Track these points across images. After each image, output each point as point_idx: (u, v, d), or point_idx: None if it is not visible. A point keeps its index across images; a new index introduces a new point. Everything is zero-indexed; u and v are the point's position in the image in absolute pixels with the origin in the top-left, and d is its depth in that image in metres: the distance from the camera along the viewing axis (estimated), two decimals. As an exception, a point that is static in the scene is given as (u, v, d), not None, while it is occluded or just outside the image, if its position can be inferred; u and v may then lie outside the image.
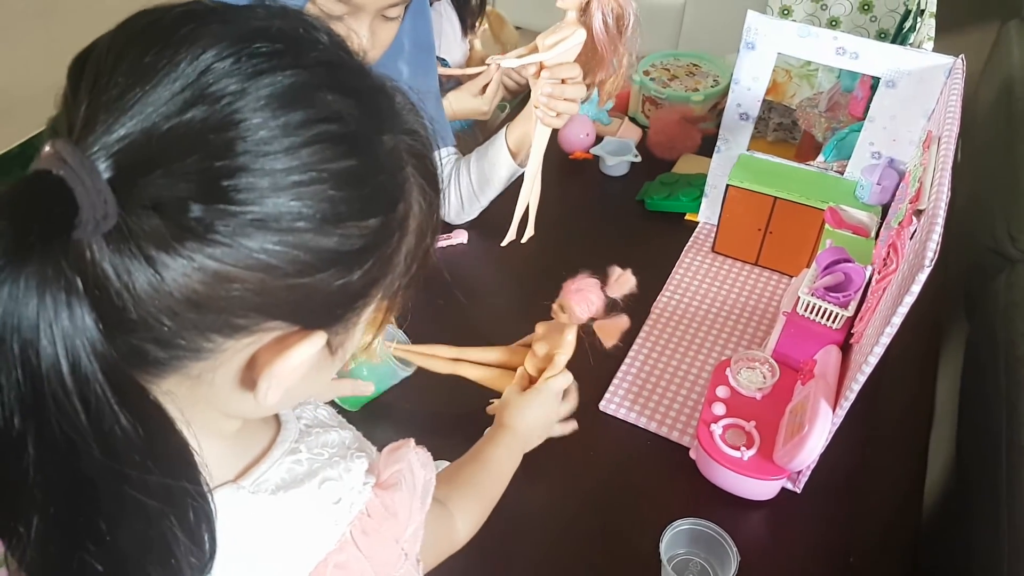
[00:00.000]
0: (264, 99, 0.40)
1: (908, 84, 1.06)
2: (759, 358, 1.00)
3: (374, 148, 0.45)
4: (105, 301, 0.38)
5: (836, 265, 0.97)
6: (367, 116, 0.46)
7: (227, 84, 0.40)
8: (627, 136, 1.52)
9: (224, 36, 0.42)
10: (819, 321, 0.97)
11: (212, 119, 0.39)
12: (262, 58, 0.42)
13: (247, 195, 0.39)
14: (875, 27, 1.44)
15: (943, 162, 0.87)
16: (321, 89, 0.43)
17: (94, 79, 0.40)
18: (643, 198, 1.40)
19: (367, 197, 0.45)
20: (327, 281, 0.44)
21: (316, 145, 0.42)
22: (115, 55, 0.41)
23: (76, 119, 0.39)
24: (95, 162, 0.38)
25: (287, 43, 0.44)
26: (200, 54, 0.40)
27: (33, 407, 0.37)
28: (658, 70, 1.57)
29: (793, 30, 1.08)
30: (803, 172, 1.20)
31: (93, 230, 0.37)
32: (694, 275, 1.25)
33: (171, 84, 0.39)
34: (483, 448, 0.86)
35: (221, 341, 0.43)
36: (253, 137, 0.40)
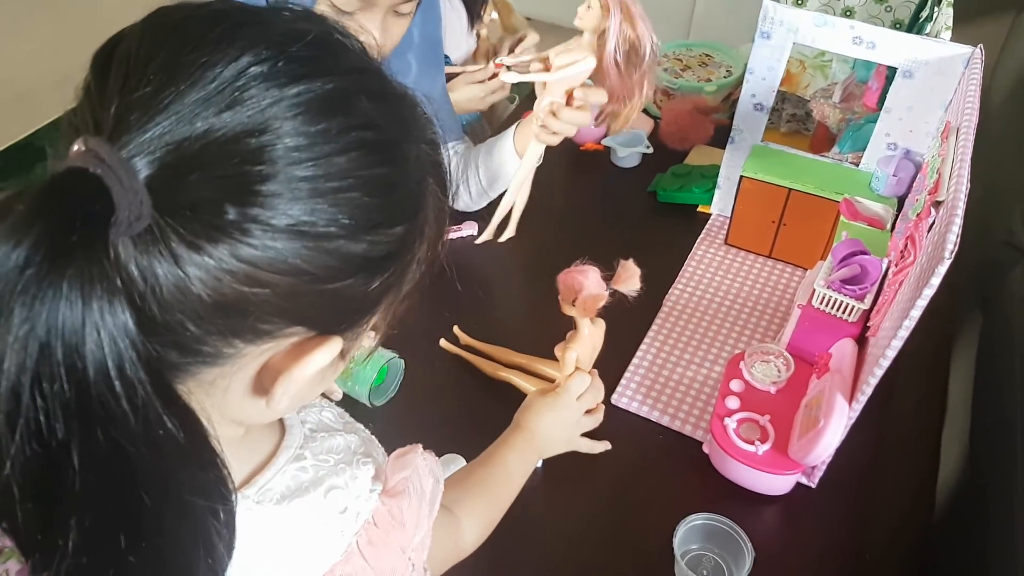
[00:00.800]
0: (302, 105, 0.40)
1: (925, 74, 1.04)
2: (774, 351, 0.99)
3: (403, 156, 0.46)
4: (131, 303, 0.37)
5: (852, 257, 0.95)
6: (397, 124, 0.46)
7: (265, 88, 0.40)
8: (639, 127, 1.51)
9: (260, 39, 0.41)
10: (835, 314, 0.96)
11: (249, 123, 0.39)
12: (299, 63, 0.41)
13: (283, 200, 0.39)
14: (890, 17, 1.42)
15: (962, 153, 0.86)
16: (356, 96, 0.43)
17: (124, 74, 0.40)
18: (655, 190, 1.39)
19: (396, 205, 0.45)
20: (351, 287, 0.44)
21: (352, 152, 0.42)
22: (147, 51, 0.40)
23: (105, 116, 0.39)
24: (131, 161, 0.37)
25: (322, 48, 0.44)
26: (238, 56, 0.40)
27: (79, 415, 0.36)
28: (671, 60, 1.56)
29: (809, 19, 1.07)
30: (818, 163, 1.18)
31: (126, 230, 0.36)
32: (707, 267, 1.24)
33: (208, 85, 0.39)
34: (496, 451, 0.85)
35: (242, 347, 0.42)
36: (290, 143, 0.40)
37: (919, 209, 0.88)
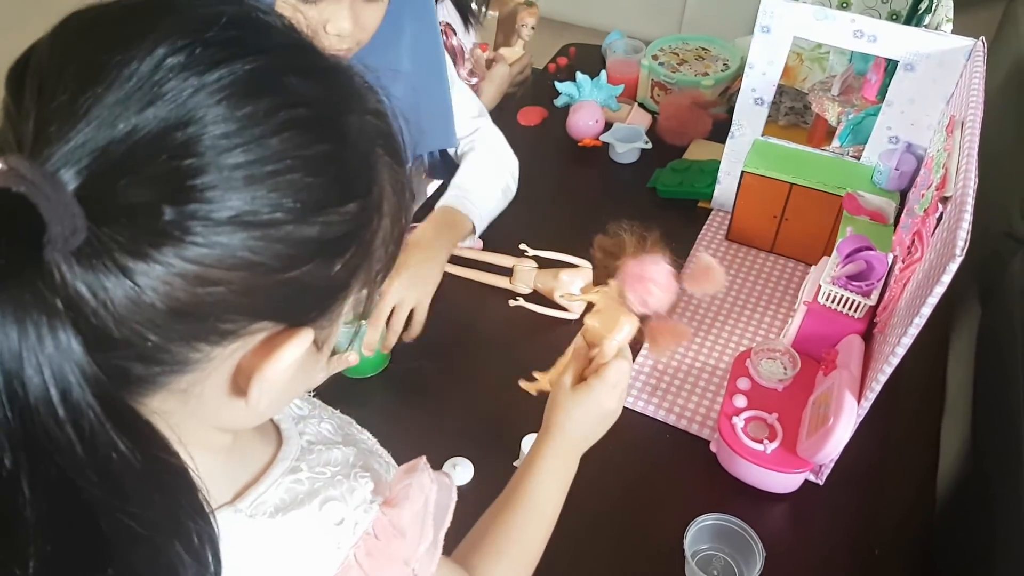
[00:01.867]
0: (225, 90, 0.39)
1: (927, 67, 1.04)
2: (779, 348, 0.98)
3: (344, 130, 0.44)
4: (83, 322, 0.36)
5: (857, 253, 0.95)
6: (332, 97, 0.44)
7: (184, 79, 0.38)
8: (636, 122, 1.50)
9: (175, 28, 0.39)
10: (841, 310, 0.95)
11: (173, 117, 0.37)
12: (217, 47, 0.40)
13: (220, 191, 0.38)
14: (887, 8, 1.41)
15: (968, 147, 0.86)
16: (282, 74, 0.41)
17: (38, 87, 0.38)
18: (655, 185, 1.38)
19: (344, 181, 0.43)
20: (311, 273, 0.42)
21: (285, 132, 0.40)
22: (59, 59, 0.39)
23: (24, 132, 0.37)
24: (56, 174, 0.35)
25: (241, 29, 0.42)
26: (153, 49, 0.38)
27: (24, 443, 0.35)
28: (667, 54, 1.55)
29: (809, 13, 1.06)
30: (819, 158, 1.18)
31: (63, 247, 0.35)
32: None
33: (125, 84, 0.37)
34: (527, 477, 0.76)
35: (208, 350, 0.41)
36: (218, 131, 0.38)
37: (926, 205, 0.87)
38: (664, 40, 1.57)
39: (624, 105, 1.54)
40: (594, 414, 0.79)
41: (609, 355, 0.81)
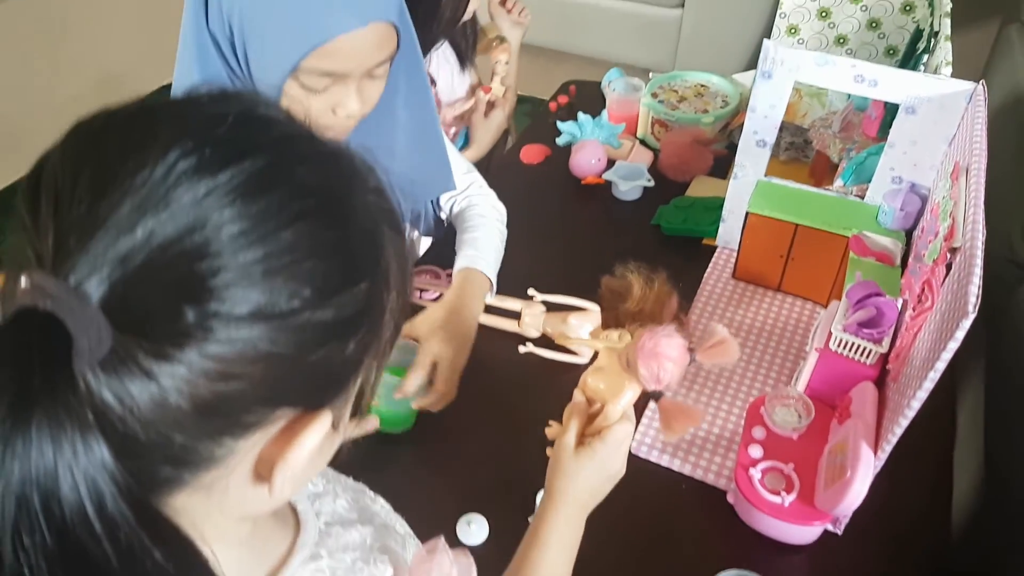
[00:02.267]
0: (237, 190, 0.40)
1: (928, 110, 1.05)
2: (793, 395, 0.99)
3: (350, 213, 0.45)
4: (110, 430, 0.36)
5: (867, 299, 0.96)
6: (337, 183, 0.45)
7: (196, 181, 0.39)
8: (638, 160, 1.51)
9: (183, 131, 0.40)
10: (852, 357, 0.96)
11: (188, 221, 0.38)
12: (225, 147, 0.41)
13: (238, 288, 0.38)
14: (883, 44, 1.43)
15: (975, 196, 0.87)
16: (289, 166, 0.43)
17: (55, 200, 0.39)
18: (659, 222, 1.39)
19: (354, 262, 0.44)
20: (327, 356, 0.43)
21: (297, 224, 0.41)
22: (72, 170, 0.40)
23: (44, 247, 0.38)
24: (80, 287, 0.36)
25: (246, 127, 0.43)
26: (164, 154, 0.39)
27: (63, 562, 0.35)
28: (666, 91, 1.56)
29: (810, 59, 1.07)
30: (823, 197, 1.19)
31: (90, 358, 0.36)
32: (716, 302, 1.24)
33: (140, 190, 0.38)
34: (532, 548, 0.75)
35: (232, 444, 0.42)
36: (232, 231, 0.39)
37: (935, 255, 0.88)
38: (663, 77, 1.59)
39: (625, 142, 1.55)
40: (599, 476, 0.79)
41: (613, 418, 0.81)
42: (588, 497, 0.79)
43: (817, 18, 1.44)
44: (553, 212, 1.47)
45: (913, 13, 1.38)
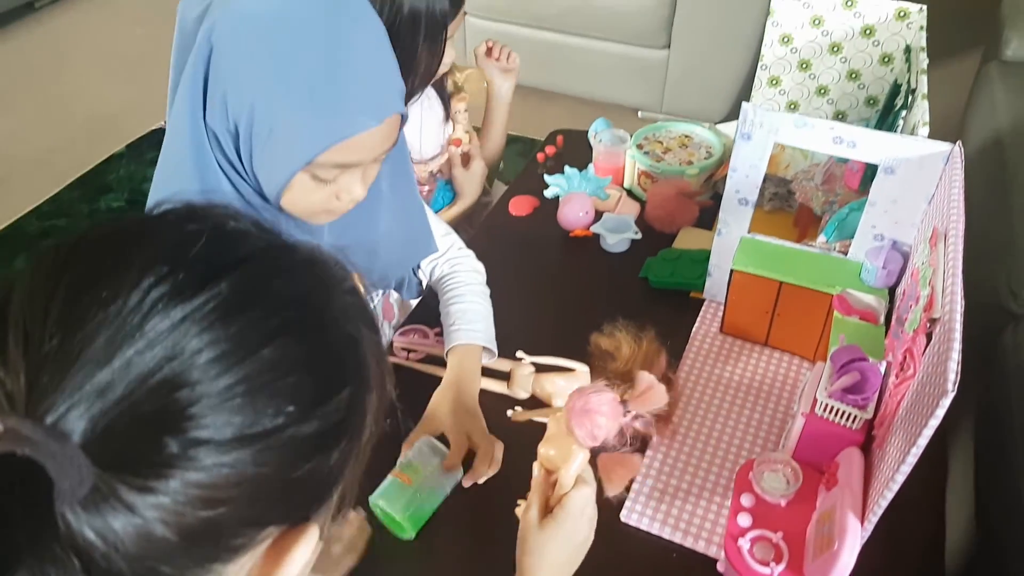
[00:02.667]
0: (212, 314, 0.39)
1: (907, 170, 1.06)
2: (781, 460, 0.99)
3: (329, 320, 0.45)
4: (95, 569, 0.35)
5: (851, 364, 0.96)
6: (314, 292, 0.45)
7: (172, 307, 0.38)
8: (626, 211, 1.52)
9: (153, 256, 0.40)
10: (838, 422, 0.96)
11: (164, 351, 0.38)
12: (198, 269, 0.40)
13: (220, 414, 0.38)
14: (864, 94, 1.45)
15: (952, 264, 0.88)
16: (263, 282, 0.42)
17: (24, 334, 0.38)
18: (646, 275, 1.40)
19: (336, 370, 0.44)
20: (312, 469, 0.43)
21: (275, 340, 0.41)
22: (41, 302, 0.39)
23: (16, 386, 0.37)
24: (57, 427, 0.35)
25: (218, 244, 0.43)
26: (137, 281, 0.39)
27: None
28: (651, 143, 1.58)
29: (789, 121, 1.09)
30: (806, 254, 1.20)
31: (70, 499, 0.35)
32: (705, 358, 1.24)
33: (113, 321, 0.38)
34: None
35: (221, 569, 0.41)
36: (210, 356, 0.38)
37: (915, 324, 0.89)
38: (648, 128, 1.60)
39: (613, 193, 1.56)
40: (566, 548, 0.79)
41: (568, 485, 0.81)
42: (558, 572, 0.78)
43: (798, 69, 1.46)
44: (542, 264, 1.49)
45: (892, 64, 1.40)
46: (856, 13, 1.38)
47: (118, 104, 3.00)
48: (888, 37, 1.38)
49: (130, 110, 2.96)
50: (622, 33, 2.62)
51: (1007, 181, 1.70)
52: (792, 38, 1.43)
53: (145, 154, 2.73)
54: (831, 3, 1.38)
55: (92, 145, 2.80)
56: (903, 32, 1.37)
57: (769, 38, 1.44)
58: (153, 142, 2.77)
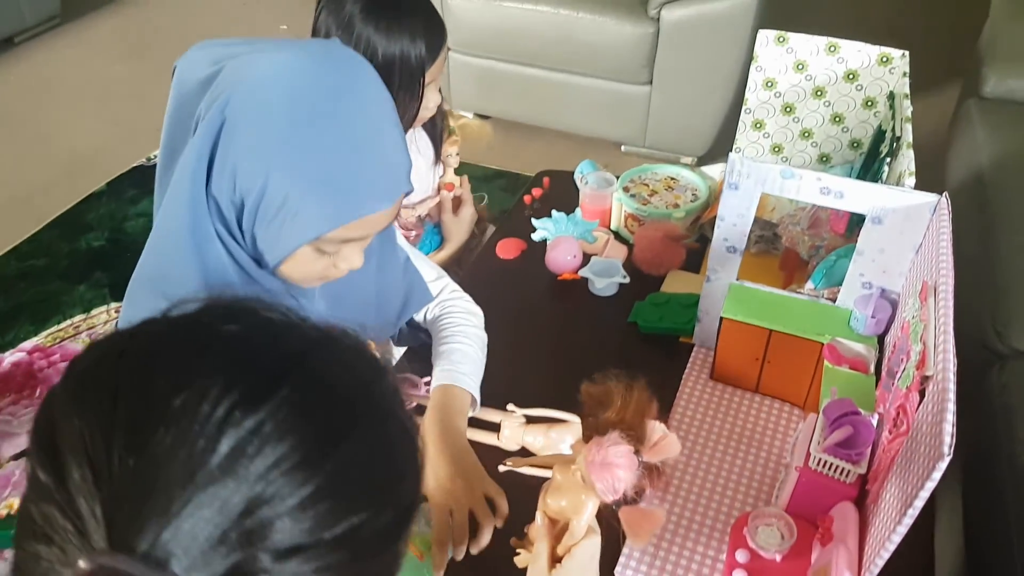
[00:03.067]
0: (284, 420, 0.39)
1: (894, 220, 1.07)
2: (775, 514, 0.99)
3: (386, 408, 0.46)
4: None
5: (844, 418, 0.96)
6: (371, 380, 0.46)
7: (244, 420, 0.38)
8: (613, 254, 1.52)
9: (213, 368, 0.40)
10: (832, 476, 0.96)
11: (243, 466, 0.38)
12: (262, 371, 0.40)
13: (303, 523, 0.39)
14: (847, 137, 1.46)
15: (944, 320, 0.88)
16: (326, 377, 0.43)
17: (89, 465, 0.38)
18: (635, 320, 1.40)
19: (399, 457, 0.45)
20: (392, 553, 0.45)
21: (348, 437, 0.41)
22: (100, 428, 0.38)
23: (90, 518, 0.37)
24: (153, 558, 0.36)
25: (272, 342, 0.43)
26: (202, 397, 0.38)
27: None
28: (637, 185, 1.58)
29: (776, 172, 1.09)
30: (795, 302, 1.20)
31: None
32: (696, 406, 1.24)
33: (187, 441, 0.37)
34: None
35: None
36: (288, 466, 0.39)
37: (908, 381, 0.89)
38: (634, 171, 1.61)
39: (600, 235, 1.56)
40: None
41: (579, 535, 0.83)
42: None
43: (782, 113, 1.47)
44: (530, 308, 1.48)
45: (875, 108, 1.41)
46: (839, 58, 1.39)
47: (98, 141, 2.98)
48: (871, 82, 1.40)
49: (110, 147, 2.93)
50: (605, 69, 2.64)
51: (989, 219, 1.72)
52: (776, 82, 1.44)
53: (126, 192, 2.70)
54: (814, 48, 1.39)
55: (72, 183, 2.77)
56: (886, 77, 1.38)
57: (753, 82, 1.45)
58: (135, 179, 2.74)
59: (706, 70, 2.54)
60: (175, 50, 2.02)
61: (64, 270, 2.43)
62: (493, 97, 2.91)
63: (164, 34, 3.73)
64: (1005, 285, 1.58)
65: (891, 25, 3.45)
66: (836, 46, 1.38)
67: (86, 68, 3.48)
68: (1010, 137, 1.93)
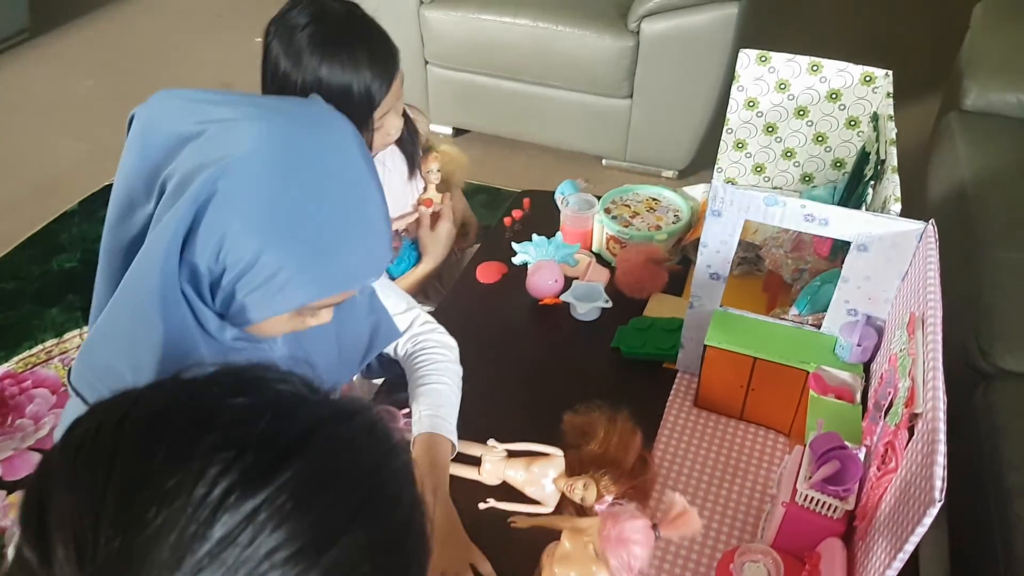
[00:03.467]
0: (285, 504, 0.37)
1: (880, 248, 1.05)
2: (761, 551, 0.96)
3: (395, 491, 0.44)
4: None
5: (831, 452, 0.94)
6: (381, 461, 0.44)
7: (242, 503, 0.36)
8: (595, 277, 1.50)
9: (214, 443, 0.38)
10: (819, 511, 0.94)
11: (238, 552, 0.36)
12: (266, 449, 0.38)
13: None
14: (830, 157, 1.45)
15: (933, 356, 0.86)
16: (333, 459, 0.41)
17: (74, 541, 0.36)
18: (618, 345, 1.37)
19: (407, 542, 0.44)
20: None
21: (354, 524, 0.40)
22: (89, 502, 0.36)
23: None
24: None
25: (279, 418, 0.40)
26: (200, 475, 0.36)
27: None
28: (619, 207, 1.56)
29: (759, 199, 1.07)
30: (780, 328, 1.18)
31: None
32: (680, 434, 1.22)
33: (179, 523, 0.35)
34: None
35: None
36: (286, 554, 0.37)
37: (896, 419, 0.87)
38: (615, 192, 1.59)
39: (582, 258, 1.54)
40: None
41: None
42: None
43: (764, 133, 1.45)
44: (512, 334, 1.45)
45: (858, 128, 1.40)
46: (822, 78, 1.37)
47: (69, 158, 2.92)
48: (854, 101, 1.38)
49: (82, 164, 2.87)
50: (585, 82, 2.62)
51: (972, 235, 1.71)
52: (758, 102, 1.42)
53: (98, 211, 2.64)
54: (796, 68, 1.37)
55: (42, 202, 2.71)
56: (869, 96, 1.37)
57: (734, 102, 1.43)
58: (108, 198, 2.68)
59: (687, 83, 2.52)
60: (147, 64, 1.95)
61: (35, 293, 2.37)
62: (472, 111, 2.88)
63: (136, 48, 3.68)
64: (989, 303, 1.57)
65: (871, 38, 3.45)
66: (819, 65, 1.36)
67: (56, 83, 3.42)
68: (992, 151, 1.92)
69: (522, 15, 2.58)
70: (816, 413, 1.05)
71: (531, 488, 1.12)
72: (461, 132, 3.05)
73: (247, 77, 1.30)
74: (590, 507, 1.07)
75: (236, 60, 3.45)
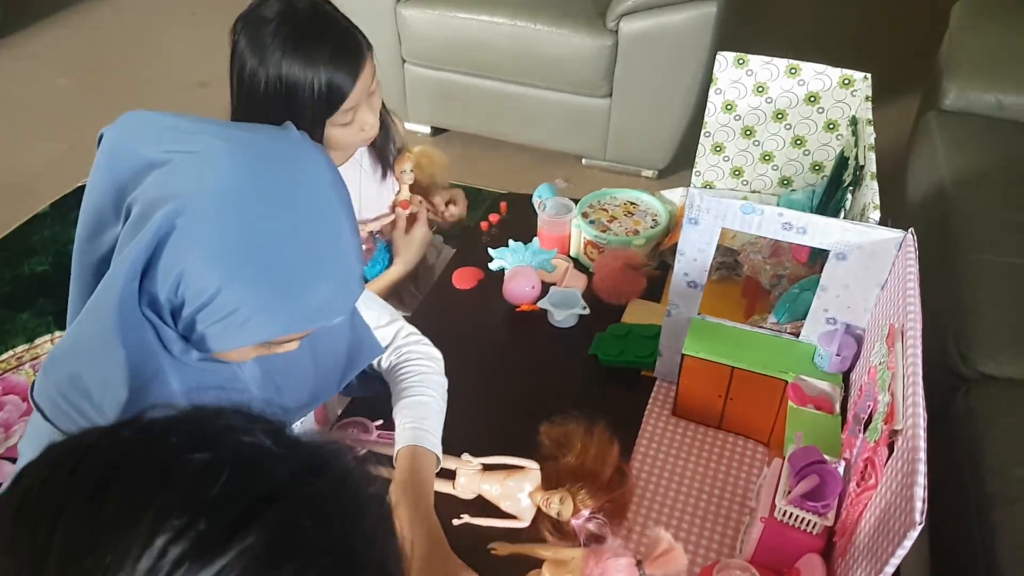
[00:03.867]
0: None
1: (859, 256, 1.03)
2: (740, 566, 0.95)
3: (365, 556, 0.41)
4: None
5: (810, 467, 0.93)
6: (349, 527, 0.41)
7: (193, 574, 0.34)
8: (573, 282, 1.48)
9: (166, 506, 0.35)
10: (798, 527, 0.92)
11: None
12: (222, 514, 0.36)
13: None
14: (809, 160, 1.43)
15: (912, 370, 0.85)
16: (295, 526, 0.38)
17: None
18: (596, 353, 1.35)
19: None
20: None
21: None
22: (29, 568, 0.34)
23: None
24: None
25: (239, 478, 0.38)
26: (148, 543, 0.34)
27: None
28: (596, 211, 1.54)
29: (736, 207, 1.05)
30: (758, 337, 1.16)
31: None
32: (659, 444, 1.20)
33: None
34: None
35: None
36: None
37: (876, 435, 0.85)
38: (592, 196, 1.57)
39: (560, 263, 1.52)
40: None
41: None
42: None
43: (742, 136, 1.43)
44: (488, 341, 1.43)
45: (837, 131, 1.38)
46: (800, 80, 1.36)
47: (41, 159, 2.87)
48: (833, 104, 1.37)
49: (54, 167, 2.82)
50: (564, 82, 2.60)
51: (952, 237, 1.70)
52: (735, 105, 1.41)
53: (70, 213, 2.59)
54: (775, 71, 1.36)
55: (13, 204, 2.66)
56: (848, 99, 1.35)
57: (712, 105, 1.41)
58: (80, 200, 2.65)
59: (666, 82, 2.51)
60: (122, 63, 1.89)
61: (6, 297, 2.33)
62: (450, 110, 2.85)
63: (110, 47, 3.62)
64: (969, 306, 1.56)
65: (849, 37, 3.44)
66: (797, 68, 1.35)
67: (28, 82, 3.36)
68: (971, 151, 1.92)
69: (499, 13, 2.55)
70: (795, 424, 1.04)
71: (507, 502, 1.10)
72: (439, 131, 3.02)
73: (223, 76, 1.27)
74: (566, 522, 1.05)
75: (212, 58, 3.39)
